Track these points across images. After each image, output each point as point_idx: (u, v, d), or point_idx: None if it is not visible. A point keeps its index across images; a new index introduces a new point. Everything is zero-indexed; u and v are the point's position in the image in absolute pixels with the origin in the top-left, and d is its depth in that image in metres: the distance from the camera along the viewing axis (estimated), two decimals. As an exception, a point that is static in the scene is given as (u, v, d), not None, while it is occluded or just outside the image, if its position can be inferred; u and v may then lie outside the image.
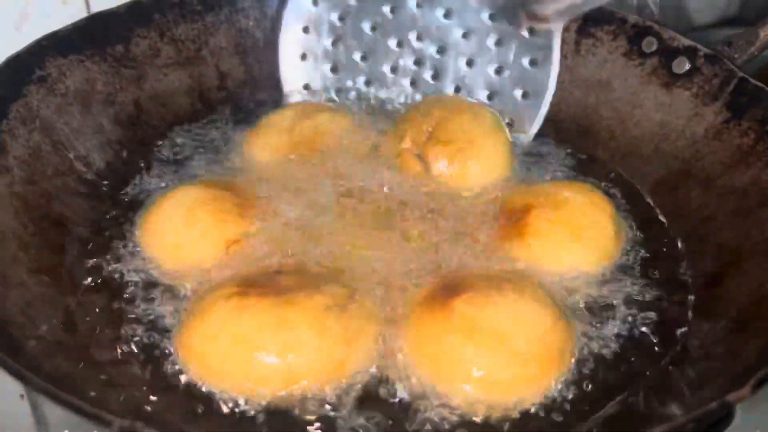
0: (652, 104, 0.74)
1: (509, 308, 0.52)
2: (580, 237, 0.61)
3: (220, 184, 0.65)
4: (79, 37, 0.70)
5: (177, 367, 0.53)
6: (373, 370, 0.53)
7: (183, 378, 0.53)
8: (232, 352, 0.50)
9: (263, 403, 0.51)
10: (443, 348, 0.51)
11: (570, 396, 0.52)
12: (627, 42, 0.75)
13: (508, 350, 0.50)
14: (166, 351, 0.54)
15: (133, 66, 0.74)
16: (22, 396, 0.65)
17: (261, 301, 0.51)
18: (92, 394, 0.48)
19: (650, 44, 0.74)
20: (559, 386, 0.52)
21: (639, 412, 0.50)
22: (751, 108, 0.65)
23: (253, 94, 0.81)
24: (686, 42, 0.72)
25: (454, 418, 0.50)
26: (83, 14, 0.80)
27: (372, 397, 0.52)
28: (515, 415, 0.50)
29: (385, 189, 0.67)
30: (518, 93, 0.77)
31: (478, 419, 0.50)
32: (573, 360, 0.54)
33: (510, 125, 0.76)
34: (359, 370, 0.52)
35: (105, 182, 0.68)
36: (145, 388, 0.52)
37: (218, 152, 0.73)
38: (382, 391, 0.52)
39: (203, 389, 0.52)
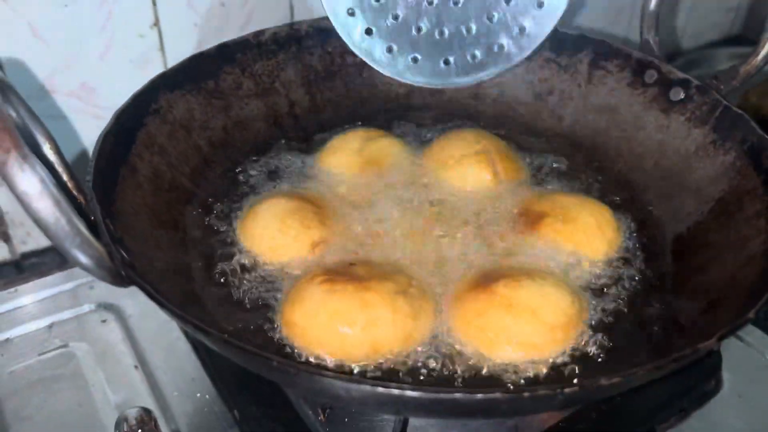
0: (653, 126, 0.86)
1: (537, 289, 0.66)
2: (586, 237, 0.75)
3: (300, 196, 0.79)
4: (181, 75, 0.83)
5: (280, 338, 0.67)
6: (431, 340, 0.66)
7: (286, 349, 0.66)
8: (326, 327, 0.63)
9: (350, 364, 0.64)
10: (488, 321, 0.65)
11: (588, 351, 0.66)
12: (631, 74, 0.88)
13: (538, 320, 0.64)
14: (272, 327, 0.68)
15: (221, 97, 0.87)
16: (136, 367, 0.79)
17: (346, 286, 0.65)
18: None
19: (651, 76, 0.86)
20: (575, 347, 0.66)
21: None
22: (733, 131, 0.77)
23: (316, 118, 0.94)
24: (681, 75, 0.84)
25: (496, 372, 0.64)
26: (157, 45, 0.91)
27: (430, 362, 0.65)
28: (545, 370, 0.64)
29: (434, 199, 0.81)
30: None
31: (515, 376, 0.63)
32: (586, 328, 0.67)
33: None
34: (422, 339, 0.65)
35: (205, 194, 0.81)
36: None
37: (295, 169, 0.86)
38: (438, 356, 0.65)
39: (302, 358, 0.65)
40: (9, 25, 0.82)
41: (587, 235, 0.74)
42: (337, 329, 0.63)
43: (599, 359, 0.65)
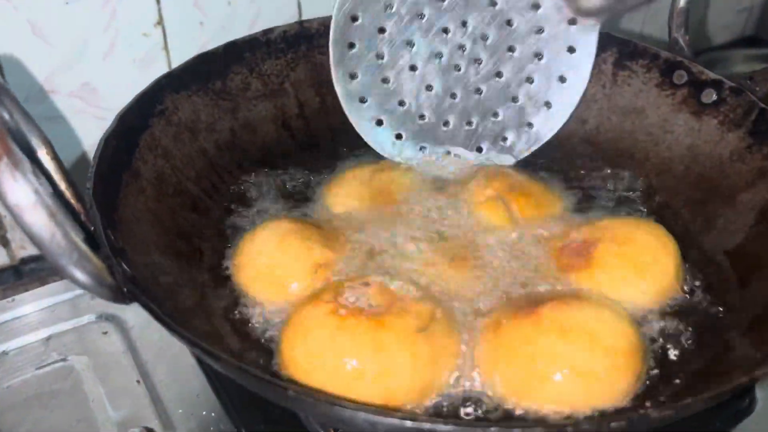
0: (683, 130, 0.82)
1: (591, 311, 0.59)
2: (643, 273, 0.66)
3: (306, 221, 0.74)
4: (187, 75, 0.79)
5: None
6: (456, 383, 0.58)
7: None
8: (333, 371, 0.55)
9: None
10: (536, 350, 0.56)
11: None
12: (659, 74, 0.84)
13: (599, 345, 0.56)
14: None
15: (229, 98, 0.83)
16: (138, 382, 0.75)
17: (359, 321, 0.56)
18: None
19: (681, 77, 0.82)
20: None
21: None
22: None
23: (326, 120, 0.90)
24: (713, 75, 0.80)
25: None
26: (161, 45, 0.89)
27: (457, 410, 0.57)
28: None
29: (456, 229, 0.74)
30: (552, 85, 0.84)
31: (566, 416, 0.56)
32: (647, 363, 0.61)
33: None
34: (445, 384, 0.58)
35: (212, 200, 0.78)
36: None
37: (301, 198, 0.81)
38: (467, 404, 0.58)
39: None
40: (8, 23, 0.80)
41: (644, 270, 0.67)
42: (342, 376, 0.56)
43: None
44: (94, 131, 0.88)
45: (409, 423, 0.40)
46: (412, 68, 0.81)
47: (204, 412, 0.72)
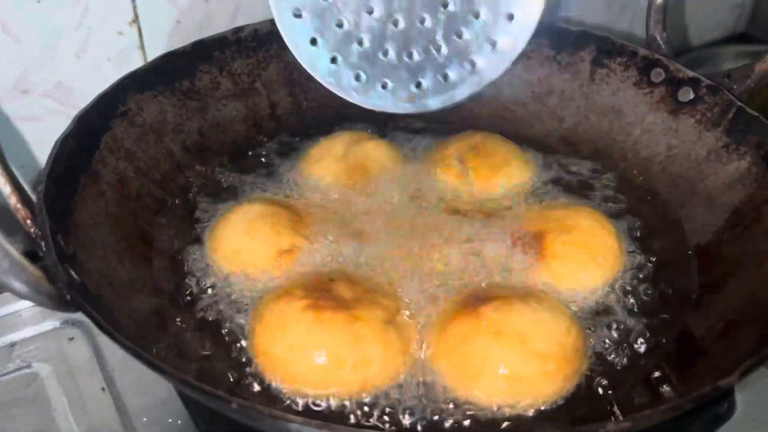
0: (660, 129, 0.81)
1: (530, 315, 0.60)
2: (591, 257, 0.69)
3: (277, 203, 0.74)
4: (153, 75, 0.78)
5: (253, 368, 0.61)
6: (414, 370, 0.60)
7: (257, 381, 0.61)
8: (309, 362, 0.58)
9: (331, 401, 0.59)
10: (473, 348, 0.59)
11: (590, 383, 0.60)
12: (637, 72, 0.83)
13: (529, 350, 0.58)
14: (244, 354, 0.63)
15: (197, 98, 0.82)
16: (103, 389, 0.73)
17: (334, 315, 0.59)
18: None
19: (658, 75, 0.82)
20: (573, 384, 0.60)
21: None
22: (748, 134, 0.73)
23: (300, 120, 0.89)
24: (690, 74, 0.79)
25: (478, 414, 0.58)
26: (136, 44, 0.87)
27: (412, 397, 0.59)
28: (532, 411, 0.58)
29: (423, 207, 0.76)
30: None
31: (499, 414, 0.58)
32: (586, 361, 0.61)
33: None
34: (407, 370, 0.60)
35: (178, 203, 0.76)
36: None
37: (275, 176, 0.81)
38: (422, 391, 0.60)
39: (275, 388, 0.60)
40: None
41: (590, 255, 0.69)
42: (322, 365, 0.58)
43: (601, 391, 0.60)
44: (70, 132, 0.89)
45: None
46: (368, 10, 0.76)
47: (170, 420, 0.71)
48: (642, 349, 0.64)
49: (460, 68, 0.79)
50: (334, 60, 0.77)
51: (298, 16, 0.74)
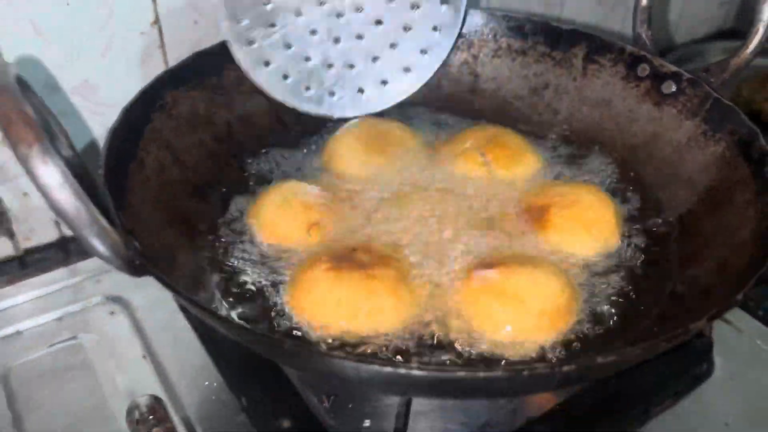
0: (646, 119, 0.88)
1: (528, 277, 0.68)
2: (589, 228, 0.77)
3: (307, 182, 0.82)
4: (185, 71, 0.84)
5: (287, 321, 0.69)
6: (427, 323, 0.69)
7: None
8: (333, 313, 0.66)
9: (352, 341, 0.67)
10: (479, 307, 0.68)
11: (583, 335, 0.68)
12: (625, 68, 0.90)
13: (524, 308, 0.67)
14: (277, 311, 0.70)
15: (224, 93, 0.88)
16: (144, 357, 0.80)
17: (351, 273, 0.68)
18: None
19: (644, 70, 0.88)
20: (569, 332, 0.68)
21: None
22: (723, 123, 0.80)
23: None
24: (672, 68, 0.86)
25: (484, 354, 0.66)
26: (157, 43, 0.93)
27: (424, 336, 0.67)
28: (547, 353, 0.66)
29: (438, 185, 0.84)
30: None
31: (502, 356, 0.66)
32: (576, 318, 0.69)
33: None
34: (420, 321, 0.68)
35: (211, 188, 0.83)
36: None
37: (300, 162, 0.89)
38: (429, 332, 0.68)
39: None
40: (12, 23, 0.83)
41: (589, 226, 0.77)
42: (342, 315, 0.66)
43: (594, 343, 0.68)
44: (94, 126, 0.94)
45: (389, 369, 0.47)
46: (297, 14, 0.87)
47: (206, 383, 0.78)
48: (632, 307, 0.72)
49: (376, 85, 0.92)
50: (285, 77, 0.88)
51: (251, 43, 0.86)
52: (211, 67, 0.88)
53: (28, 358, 0.80)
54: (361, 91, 0.92)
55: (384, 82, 0.93)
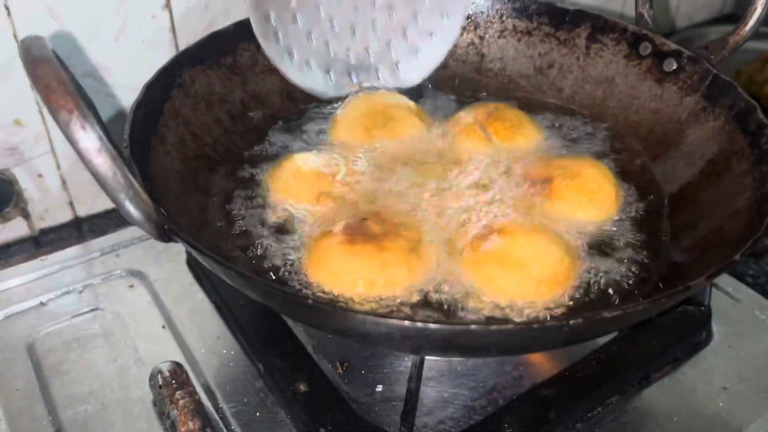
0: (648, 96, 0.90)
1: (529, 245, 0.71)
2: (590, 199, 0.80)
3: (320, 155, 0.85)
4: (202, 51, 0.87)
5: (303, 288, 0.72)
6: (437, 286, 0.71)
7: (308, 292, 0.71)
8: (350, 283, 0.69)
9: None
10: (484, 272, 0.71)
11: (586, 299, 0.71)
12: (627, 46, 0.92)
13: (526, 274, 0.70)
14: (294, 278, 0.73)
15: (239, 73, 0.91)
16: (163, 327, 0.83)
17: (365, 246, 0.70)
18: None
19: (645, 48, 0.91)
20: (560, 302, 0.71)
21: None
22: (722, 98, 0.82)
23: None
24: (673, 46, 0.89)
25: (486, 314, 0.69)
26: (168, 26, 0.95)
27: (433, 301, 0.70)
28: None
29: (442, 158, 0.87)
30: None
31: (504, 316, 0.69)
32: (575, 284, 0.72)
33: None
34: (432, 286, 0.71)
35: (227, 162, 0.86)
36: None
37: (311, 136, 0.92)
38: (438, 297, 0.70)
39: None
40: (29, 7, 0.86)
41: (591, 196, 0.80)
42: (359, 284, 0.69)
43: (596, 308, 0.70)
44: (107, 109, 0.97)
45: (406, 323, 0.50)
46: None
47: (224, 351, 0.80)
48: (633, 275, 0.74)
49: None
50: (308, 64, 0.92)
51: (276, 37, 0.89)
52: (226, 46, 0.91)
53: (52, 329, 0.83)
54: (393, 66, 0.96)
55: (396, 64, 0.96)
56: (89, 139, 0.50)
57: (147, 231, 0.57)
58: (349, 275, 0.70)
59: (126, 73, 0.95)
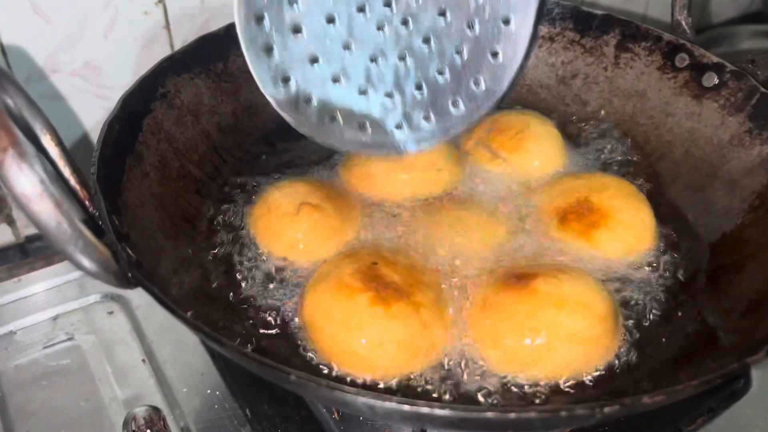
0: (683, 113, 0.82)
1: (578, 283, 0.63)
2: (627, 234, 0.72)
3: (311, 182, 0.77)
4: (189, 57, 0.79)
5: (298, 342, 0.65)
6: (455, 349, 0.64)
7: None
8: (375, 349, 0.59)
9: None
10: (534, 322, 0.61)
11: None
12: (661, 57, 0.84)
13: (593, 313, 0.61)
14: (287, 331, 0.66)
15: (231, 81, 0.84)
16: (143, 361, 0.77)
17: (399, 305, 0.60)
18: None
19: (682, 60, 0.83)
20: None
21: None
22: None
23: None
24: (715, 59, 0.80)
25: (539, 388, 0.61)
26: (162, 23, 0.89)
27: (453, 374, 0.62)
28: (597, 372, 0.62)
29: (453, 187, 0.79)
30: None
31: (562, 382, 0.61)
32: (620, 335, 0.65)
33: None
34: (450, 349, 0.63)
35: (215, 183, 0.79)
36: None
37: (306, 154, 0.84)
38: (461, 368, 0.62)
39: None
40: (9, 2, 0.80)
41: (623, 236, 0.72)
42: (388, 352, 0.60)
43: (632, 363, 0.63)
44: (96, 111, 0.90)
45: (406, 407, 0.42)
46: (329, 21, 0.67)
47: (208, 391, 0.74)
48: (669, 326, 0.67)
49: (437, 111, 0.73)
50: (308, 100, 0.70)
51: (269, 50, 0.67)
52: (217, 52, 0.84)
53: (22, 361, 0.77)
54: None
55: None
56: (28, 183, 0.42)
57: (105, 281, 0.49)
58: (391, 346, 0.59)
59: (118, 73, 0.89)
